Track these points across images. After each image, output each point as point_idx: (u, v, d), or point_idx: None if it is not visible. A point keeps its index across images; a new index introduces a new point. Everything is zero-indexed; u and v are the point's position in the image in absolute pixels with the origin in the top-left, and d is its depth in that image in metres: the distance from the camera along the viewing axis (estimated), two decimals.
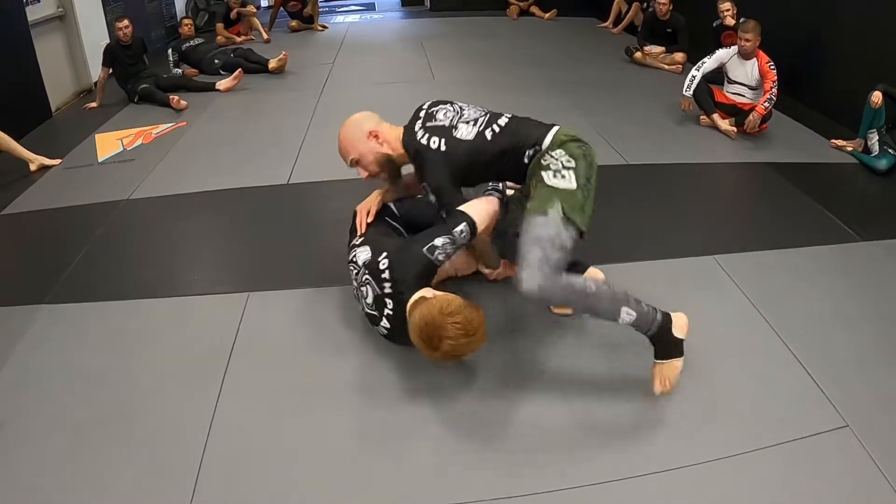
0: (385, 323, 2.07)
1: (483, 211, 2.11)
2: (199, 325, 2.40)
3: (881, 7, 4.02)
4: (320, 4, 8.64)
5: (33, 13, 5.07)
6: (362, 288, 2.14)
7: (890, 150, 3.63)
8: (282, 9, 8.20)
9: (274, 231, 3.09)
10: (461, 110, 2.22)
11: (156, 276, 2.77)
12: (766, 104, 3.96)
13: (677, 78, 5.23)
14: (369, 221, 2.33)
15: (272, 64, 5.99)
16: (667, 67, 5.86)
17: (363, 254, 2.17)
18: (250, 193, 3.49)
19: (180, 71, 5.95)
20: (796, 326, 2.29)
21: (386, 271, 2.06)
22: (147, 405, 2.02)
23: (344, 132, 2.24)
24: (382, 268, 2.07)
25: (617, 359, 2.15)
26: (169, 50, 6.10)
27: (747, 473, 1.73)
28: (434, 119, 2.19)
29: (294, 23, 8.20)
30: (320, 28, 8.29)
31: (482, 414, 1.94)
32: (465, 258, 2.50)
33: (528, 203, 2.02)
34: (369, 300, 2.11)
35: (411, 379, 2.08)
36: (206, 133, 4.54)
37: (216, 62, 6.02)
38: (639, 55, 6.06)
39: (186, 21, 6.44)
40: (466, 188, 2.22)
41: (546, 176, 2.02)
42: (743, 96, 4.22)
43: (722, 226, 3.09)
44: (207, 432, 1.89)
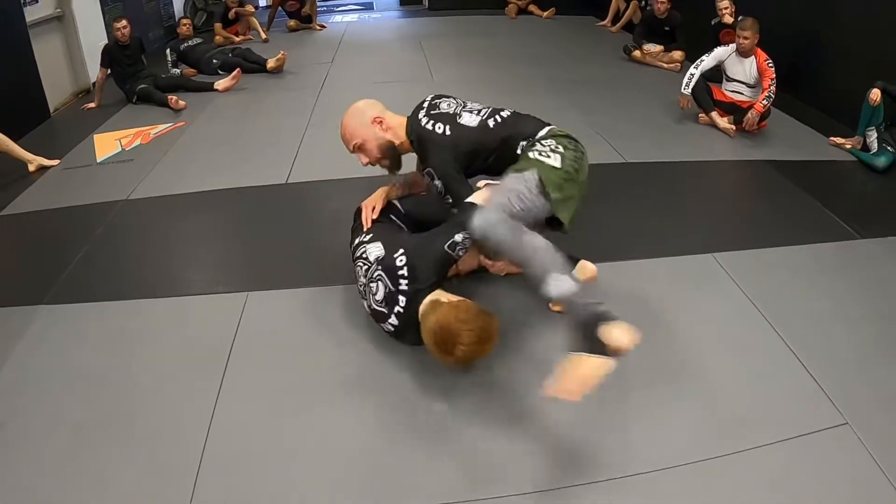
0: (393, 320, 2.07)
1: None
2: (199, 325, 2.40)
3: (880, 5, 4.02)
4: (318, 4, 8.63)
5: (31, 14, 5.07)
6: (372, 284, 2.13)
7: (888, 148, 3.64)
8: (280, 8, 8.19)
9: (272, 231, 3.09)
10: (464, 103, 2.28)
11: (155, 276, 2.77)
12: (765, 102, 3.96)
13: (676, 76, 5.23)
14: (374, 218, 2.33)
15: (270, 64, 5.98)
16: (665, 66, 5.86)
17: (375, 250, 2.16)
18: (249, 193, 3.49)
19: (178, 71, 5.96)
20: (795, 324, 2.29)
21: (404, 268, 2.05)
22: (146, 405, 2.02)
23: (347, 118, 2.26)
24: (400, 264, 2.06)
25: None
26: (167, 50, 6.12)
27: (747, 471, 1.73)
28: (438, 108, 2.23)
29: (292, 22, 8.19)
30: (318, 28, 8.28)
31: (483, 412, 1.94)
32: (468, 254, 2.50)
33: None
34: (379, 296, 2.10)
35: (412, 378, 2.08)
36: (205, 133, 4.54)
37: (214, 62, 6.02)
38: (637, 53, 6.06)
39: (185, 21, 6.43)
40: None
41: (532, 153, 2.07)
42: (741, 94, 4.22)
43: (721, 224, 3.09)
44: (207, 432, 1.89)
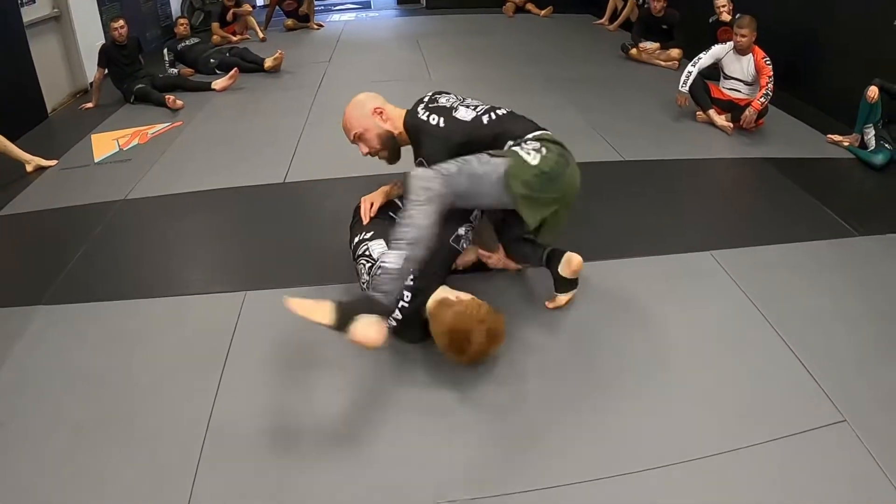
0: (397, 314, 2.08)
1: None
2: (197, 325, 2.40)
3: (878, 3, 4.03)
4: (316, 3, 8.60)
5: (28, 14, 5.05)
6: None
7: (886, 145, 3.64)
8: (277, 8, 8.18)
9: (270, 230, 3.09)
10: (463, 99, 2.34)
11: (153, 276, 2.77)
12: (762, 99, 3.97)
13: (673, 74, 5.24)
14: (372, 214, 2.36)
15: (268, 63, 5.96)
16: (663, 64, 5.86)
17: (378, 247, 2.19)
18: (246, 193, 3.49)
19: (176, 71, 5.95)
20: (793, 321, 2.30)
21: None
22: (145, 404, 2.02)
23: (349, 109, 2.32)
24: None
25: (616, 353, 2.16)
26: (164, 50, 6.11)
27: (744, 468, 1.73)
28: (436, 102, 2.31)
29: (290, 22, 8.17)
30: (316, 27, 8.27)
31: (484, 411, 1.94)
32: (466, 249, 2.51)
33: None
34: None
35: (413, 376, 2.08)
36: (203, 132, 4.53)
37: (212, 62, 6.01)
38: (635, 52, 6.06)
39: (182, 21, 6.42)
40: None
41: (515, 149, 2.13)
42: (739, 92, 4.22)
43: (719, 221, 3.09)
44: (205, 431, 1.89)
